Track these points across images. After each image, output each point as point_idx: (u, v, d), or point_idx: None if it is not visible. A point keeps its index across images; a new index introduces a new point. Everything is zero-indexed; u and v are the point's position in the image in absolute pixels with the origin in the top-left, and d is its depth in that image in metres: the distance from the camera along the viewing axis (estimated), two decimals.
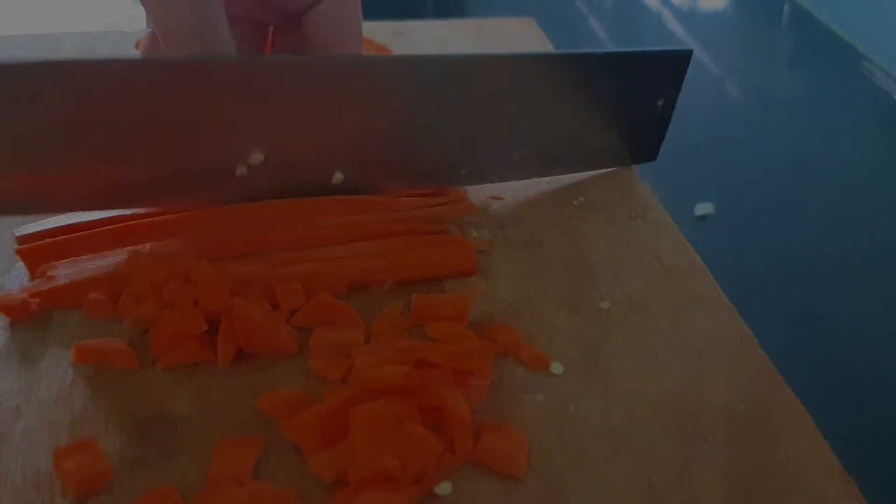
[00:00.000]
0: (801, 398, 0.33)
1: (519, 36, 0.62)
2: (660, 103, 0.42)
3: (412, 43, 0.59)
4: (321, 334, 0.34)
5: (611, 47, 0.41)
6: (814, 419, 0.32)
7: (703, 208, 0.49)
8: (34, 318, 0.34)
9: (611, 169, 0.45)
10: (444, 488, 0.28)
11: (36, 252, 0.35)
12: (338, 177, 0.37)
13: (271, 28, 0.38)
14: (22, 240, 0.36)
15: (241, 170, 0.35)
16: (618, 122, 0.42)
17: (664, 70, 0.41)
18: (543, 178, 0.44)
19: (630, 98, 0.41)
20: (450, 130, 0.38)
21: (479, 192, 0.43)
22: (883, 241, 0.48)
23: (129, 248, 0.35)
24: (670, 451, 0.30)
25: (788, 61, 0.73)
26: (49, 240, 0.36)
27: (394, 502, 0.27)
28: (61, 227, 0.37)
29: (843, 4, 0.73)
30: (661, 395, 0.32)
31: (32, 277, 0.35)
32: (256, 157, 0.34)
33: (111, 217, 0.37)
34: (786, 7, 0.79)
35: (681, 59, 0.41)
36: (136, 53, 0.37)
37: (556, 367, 0.33)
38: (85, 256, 0.35)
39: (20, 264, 0.37)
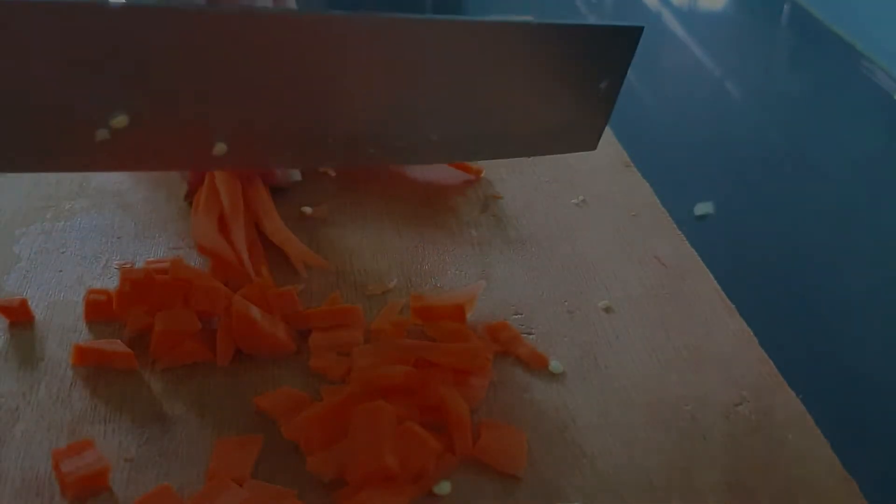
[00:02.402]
0: (801, 398, 0.33)
1: None
2: (602, 85, 0.36)
3: None
4: (321, 334, 0.34)
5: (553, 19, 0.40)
6: (814, 419, 0.32)
7: (703, 208, 0.49)
8: (34, 318, 0.34)
9: (545, 155, 0.40)
10: (443, 487, 0.28)
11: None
12: (220, 147, 0.32)
13: None
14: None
15: (102, 133, 0.29)
16: (552, 103, 0.36)
17: (609, 47, 0.35)
18: (543, 178, 0.44)
19: (567, 77, 0.36)
20: (354, 101, 0.33)
21: (479, 192, 0.43)
22: (883, 240, 0.48)
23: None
24: (670, 451, 0.30)
25: (788, 61, 0.73)
26: None
27: (393, 502, 0.27)
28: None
29: (843, 4, 0.73)
30: (661, 395, 0.32)
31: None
32: (120, 120, 0.29)
33: None
34: (786, 7, 0.79)
35: (628, 36, 0.35)
36: None
37: (556, 367, 0.33)
38: None
39: (20, 265, 0.37)
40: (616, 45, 0.35)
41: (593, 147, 0.38)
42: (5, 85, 0.27)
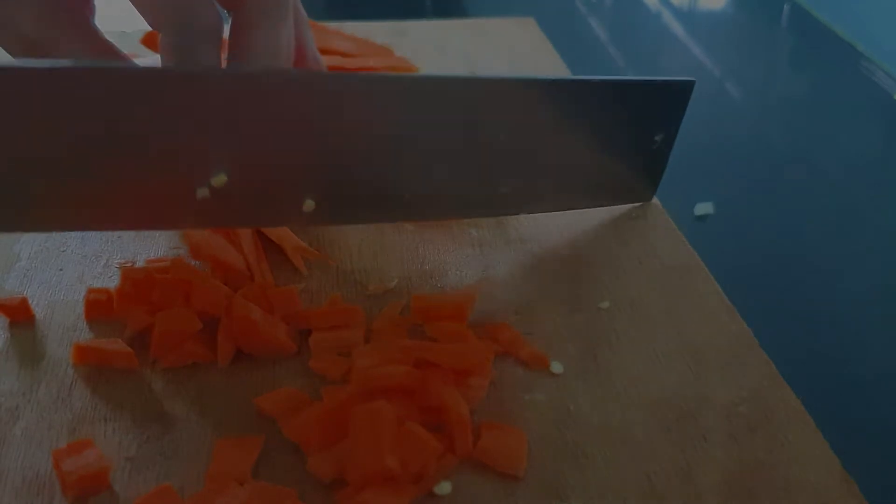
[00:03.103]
0: (801, 398, 0.33)
1: (519, 36, 0.62)
2: (657, 138, 0.37)
3: (412, 43, 0.59)
4: (321, 334, 0.34)
5: (610, 74, 0.39)
6: (814, 419, 0.32)
7: (703, 208, 0.49)
8: (34, 318, 0.34)
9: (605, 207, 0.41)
10: (443, 488, 0.28)
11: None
12: (308, 205, 0.33)
13: None
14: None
15: (202, 192, 0.31)
16: (608, 157, 0.38)
17: (663, 102, 0.37)
18: None
19: (623, 131, 0.37)
20: (431, 158, 0.35)
21: None
22: (883, 240, 0.48)
23: None
24: (670, 451, 0.30)
25: (788, 61, 0.73)
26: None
27: (394, 502, 0.27)
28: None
29: (842, 4, 0.73)
30: (661, 395, 0.32)
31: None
32: (219, 179, 0.31)
33: None
34: (786, 7, 0.78)
35: (682, 91, 0.37)
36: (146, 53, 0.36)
37: (556, 367, 0.33)
38: None
39: (20, 264, 0.37)
40: (669, 100, 0.36)
41: (649, 199, 0.40)
42: (123, 148, 0.29)
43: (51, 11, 0.32)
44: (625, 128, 0.37)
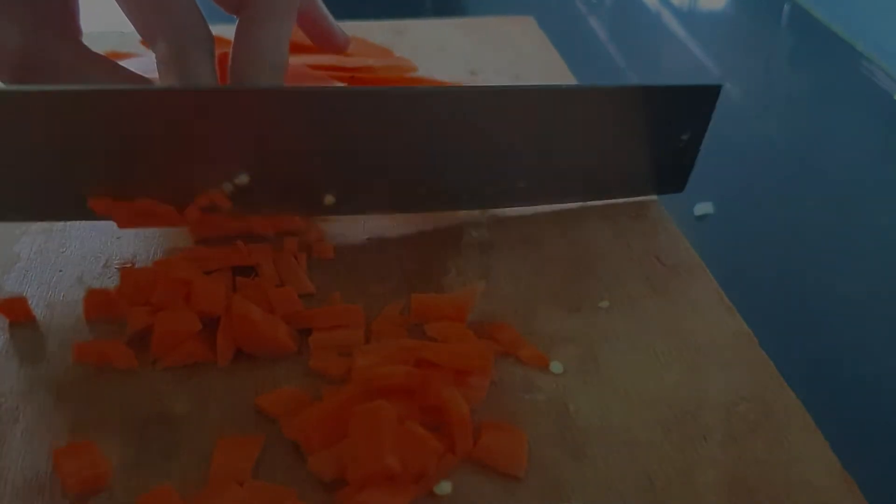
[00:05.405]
0: (801, 398, 0.33)
1: (519, 35, 0.62)
2: (684, 137, 0.40)
3: (412, 42, 0.59)
4: (321, 334, 0.34)
5: (633, 79, 0.41)
6: (814, 419, 0.32)
7: (703, 208, 0.49)
8: (34, 318, 0.34)
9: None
10: (444, 488, 0.28)
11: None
12: (329, 199, 0.37)
13: None
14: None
15: (227, 186, 0.35)
16: (638, 153, 0.41)
17: (691, 104, 0.40)
18: None
19: (651, 131, 0.40)
20: (450, 159, 0.37)
21: None
22: (883, 240, 0.48)
23: None
24: (670, 451, 0.30)
25: (788, 61, 0.73)
26: None
27: (394, 502, 0.27)
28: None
29: (842, 4, 0.73)
30: (661, 395, 0.32)
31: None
32: (242, 179, 0.35)
33: None
34: (786, 7, 0.78)
35: (708, 94, 0.40)
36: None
37: (556, 367, 0.33)
38: None
39: (20, 264, 0.37)
40: (696, 102, 0.40)
41: (681, 189, 0.43)
42: (160, 152, 0.33)
43: (38, 24, 0.32)
44: (653, 128, 0.40)
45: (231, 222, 0.37)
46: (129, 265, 0.37)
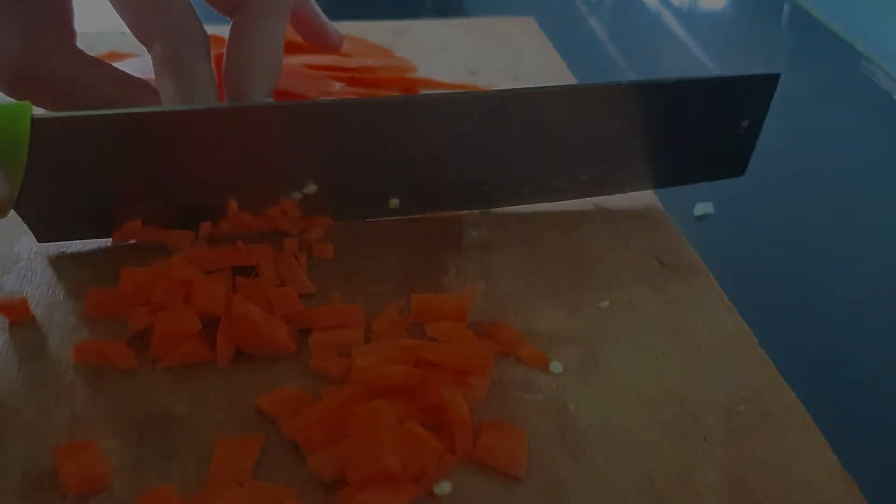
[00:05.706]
0: (801, 398, 0.33)
1: (519, 35, 0.62)
2: (744, 124, 0.41)
3: (412, 43, 0.59)
4: (321, 334, 0.34)
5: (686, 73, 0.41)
6: (814, 419, 0.32)
7: (703, 208, 0.49)
8: (34, 318, 0.34)
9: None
10: (443, 488, 0.28)
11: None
12: (393, 202, 0.39)
13: None
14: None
15: (296, 195, 0.37)
16: (700, 140, 0.42)
17: (750, 94, 0.41)
18: None
19: (713, 120, 0.41)
20: (510, 158, 0.39)
21: None
22: (883, 241, 0.48)
23: None
24: (670, 451, 0.30)
25: (788, 61, 0.73)
26: None
27: (394, 502, 0.27)
28: None
29: (842, 4, 0.73)
30: (661, 395, 0.32)
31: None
32: (310, 188, 0.37)
33: None
34: (786, 7, 0.78)
35: (766, 83, 0.41)
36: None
37: (556, 367, 0.33)
38: None
39: (20, 264, 0.37)
40: (754, 91, 0.41)
41: (741, 174, 0.44)
42: (234, 164, 0.36)
43: (35, 31, 0.32)
44: (714, 116, 0.41)
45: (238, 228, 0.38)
46: (128, 265, 0.37)
